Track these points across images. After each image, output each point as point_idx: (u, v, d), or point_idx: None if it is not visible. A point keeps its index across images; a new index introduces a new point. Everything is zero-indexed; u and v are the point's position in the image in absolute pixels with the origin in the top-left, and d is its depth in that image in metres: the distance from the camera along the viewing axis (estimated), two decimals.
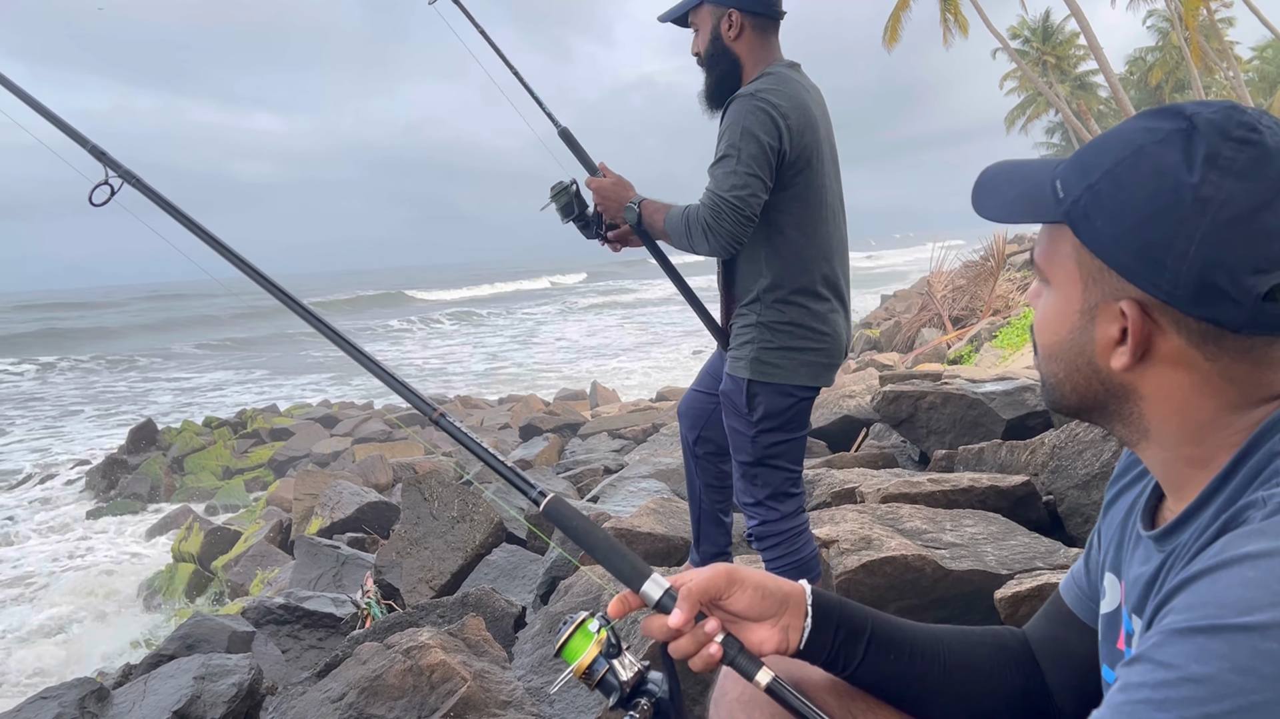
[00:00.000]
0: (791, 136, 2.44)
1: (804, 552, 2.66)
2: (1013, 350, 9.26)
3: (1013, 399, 5.10)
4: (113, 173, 1.38)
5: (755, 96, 2.44)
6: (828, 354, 2.60)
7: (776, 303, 2.54)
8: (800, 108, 2.48)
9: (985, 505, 3.54)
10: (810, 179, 2.52)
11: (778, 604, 1.03)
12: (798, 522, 2.68)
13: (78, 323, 48.67)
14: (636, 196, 2.69)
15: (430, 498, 5.09)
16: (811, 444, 6.40)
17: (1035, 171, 0.90)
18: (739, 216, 2.39)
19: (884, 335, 16.62)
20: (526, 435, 11.90)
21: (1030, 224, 0.90)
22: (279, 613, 4.56)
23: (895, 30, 30.22)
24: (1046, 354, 0.91)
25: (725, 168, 2.42)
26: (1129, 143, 0.81)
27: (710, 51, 2.64)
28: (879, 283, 45.42)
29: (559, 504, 1.06)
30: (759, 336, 2.55)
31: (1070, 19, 31.87)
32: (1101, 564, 1.05)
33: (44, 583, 9.88)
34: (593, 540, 1.06)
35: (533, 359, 29.44)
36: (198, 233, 1.29)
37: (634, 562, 1.04)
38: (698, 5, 2.63)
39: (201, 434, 14.51)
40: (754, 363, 2.55)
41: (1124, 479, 1.04)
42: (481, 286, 71.79)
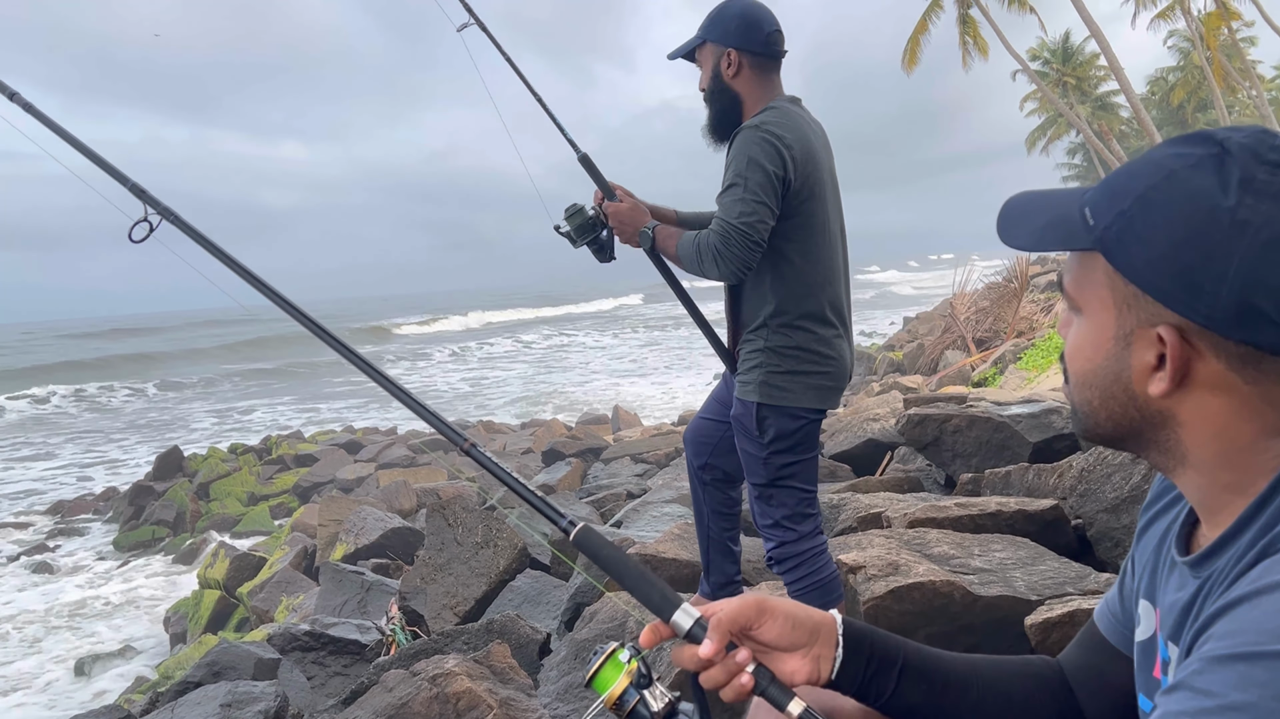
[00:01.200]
0: (795, 166, 2.52)
1: (824, 572, 2.70)
2: (1038, 372, 9.19)
3: (1039, 422, 5.06)
4: (152, 210, 1.41)
5: (760, 128, 2.53)
6: (833, 378, 2.67)
7: (783, 328, 2.61)
8: (803, 139, 2.57)
9: (1013, 530, 3.51)
10: (814, 207, 2.60)
11: (809, 634, 1.02)
12: (816, 542, 2.71)
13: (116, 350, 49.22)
14: (651, 222, 2.76)
15: (454, 523, 5.10)
16: (835, 468, 6.37)
17: (1062, 200, 0.90)
18: (748, 242, 2.47)
19: (907, 357, 16.54)
20: (549, 460, 11.90)
21: (1059, 251, 0.90)
22: (304, 639, 4.58)
23: (914, 54, 30.27)
24: (1080, 381, 0.90)
25: (733, 196, 2.49)
26: (1160, 168, 0.81)
27: (711, 88, 2.74)
28: (902, 304, 45.30)
29: (589, 534, 1.06)
30: (766, 361, 2.61)
31: (1090, 40, 31.83)
32: (1136, 591, 1.04)
33: (72, 610, 9.95)
34: (623, 570, 1.06)
35: (556, 382, 29.52)
36: (234, 267, 1.31)
37: (664, 591, 1.04)
38: (701, 44, 2.74)
39: (227, 460, 14.60)
40: (762, 386, 2.61)
41: (1157, 505, 1.03)
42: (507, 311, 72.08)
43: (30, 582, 11.04)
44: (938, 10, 29.82)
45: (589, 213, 2.80)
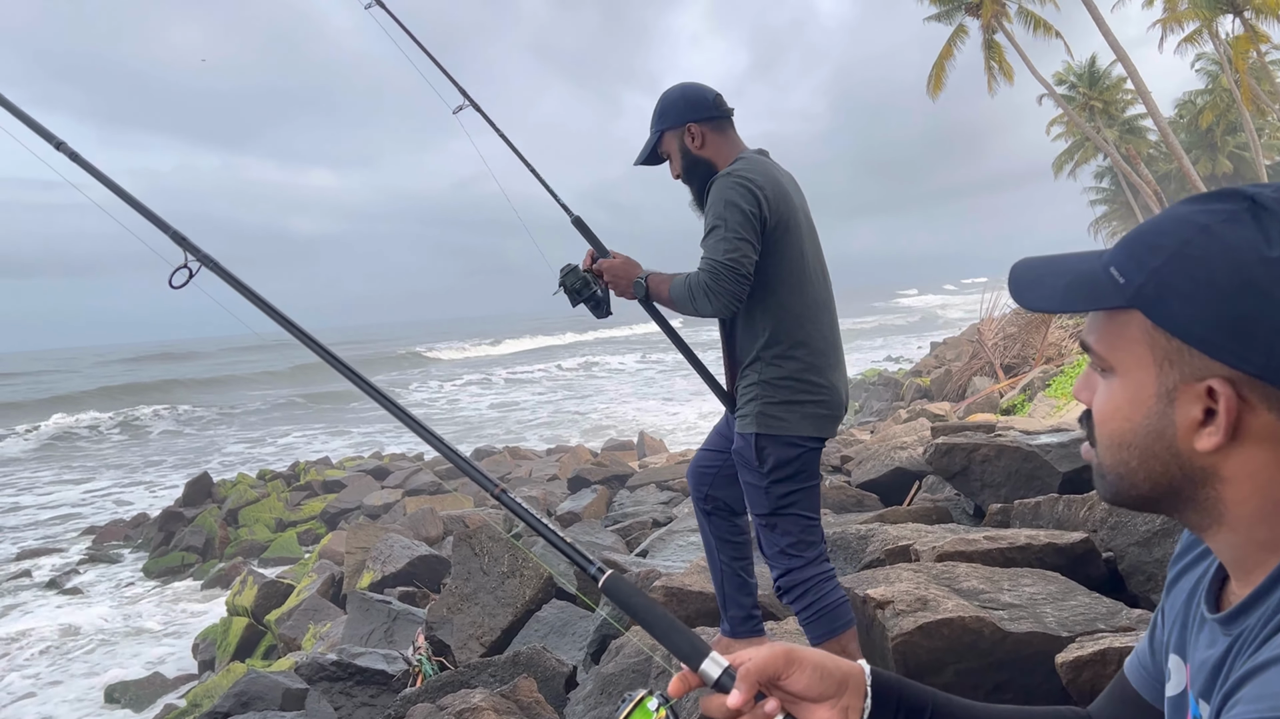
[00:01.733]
0: (769, 205, 2.67)
1: (832, 597, 2.73)
2: (1067, 400, 9.11)
3: (1069, 451, 5.02)
4: (192, 257, 1.44)
5: (732, 175, 2.69)
6: (827, 405, 2.76)
7: (776, 359, 2.71)
8: (773, 182, 2.72)
9: (1043, 563, 3.48)
10: (790, 242, 2.73)
11: (837, 685, 1.02)
12: (822, 569, 2.76)
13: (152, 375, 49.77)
14: (644, 272, 2.88)
15: (481, 553, 5.11)
16: (863, 497, 6.34)
17: (1076, 262, 0.90)
18: (736, 276, 2.59)
19: (934, 384, 16.44)
20: (575, 487, 11.90)
21: (1084, 311, 0.89)
22: (332, 669, 4.59)
23: (939, 79, 30.28)
24: (1117, 443, 0.88)
25: (716, 237, 2.63)
26: (1190, 224, 0.81)
27: (685, 165, 2.90)
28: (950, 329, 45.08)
29: (618, 582, 1.07)
30: (762, 394, 2.72)
31: (1117, 64, 31.71)
32: (1166, 645, 1.03)
33: (103, 636, 10.03)
34: (651, 618, 1.06)
35: (582, 408, 29.56)
36: (273, 315, 1.34)
37: (693, 640, 1.04)
38: (660, 135, 2.91)
39: (256, 487, 14.69)
40: (759, 417, 2.71)
41: (1187, 557, 1.02)
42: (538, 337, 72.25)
43: (62, 607, 11.14)
44: (962, 36, 29.85)
45: (582, 272, 2.94)
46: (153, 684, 7.68)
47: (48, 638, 10.06)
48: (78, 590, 11.66)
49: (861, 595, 3.06)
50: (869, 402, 19.70)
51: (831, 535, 4.48)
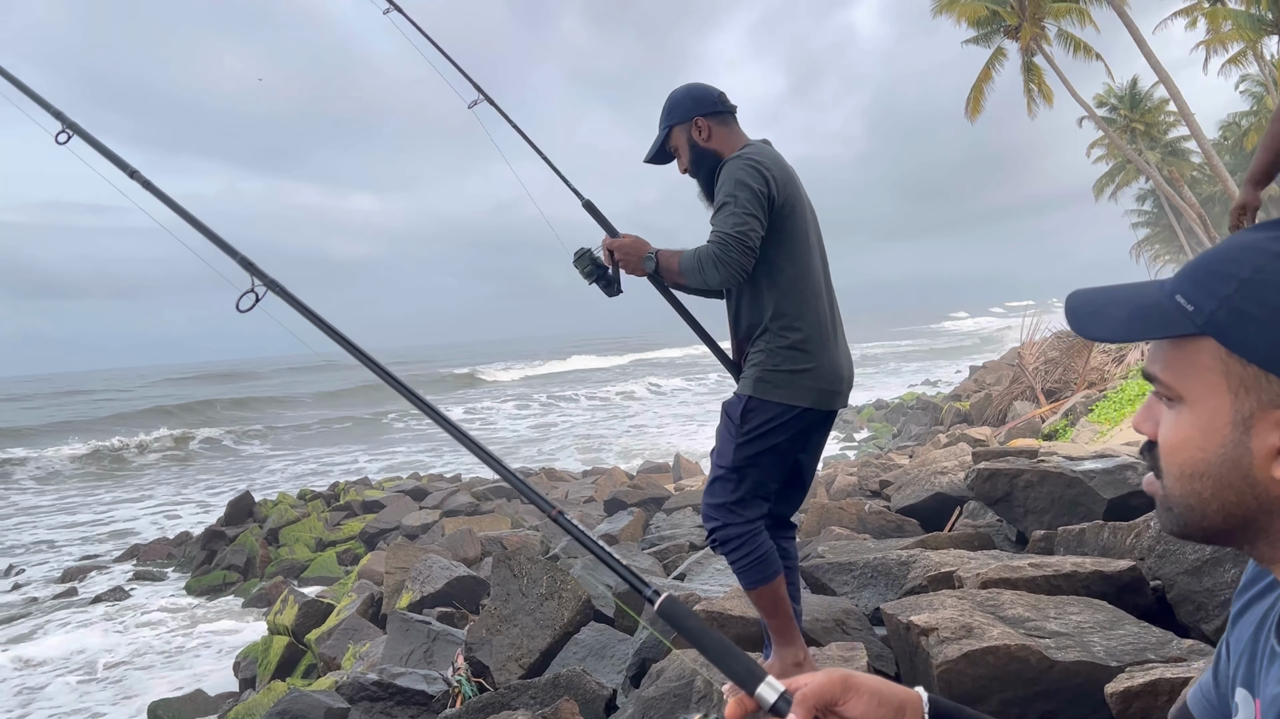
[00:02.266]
0: (777, 185, 2.85)
1: (764, 548, 2.92)
2: (1111, 425, 8.99)
3: (1114, 478, 4.95)
4: (258, 281, 1.48)
5: (742, 157, 2.87)
6: (825, 379, 2.91)
7: (782, 329, 2.88)
8: (780, 166, 2.92)
9: (1089, 592, 3.43)
10: (796, 222, 2.91)
11: (894, 712, 1.02)
12: (756, 525, 2.94)
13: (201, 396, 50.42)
14: (652, 249, 3.03)
15: (519, 574, 5.12)
16: (902, 522, 6.28)
17: (1136, 292, 0.90)
18: (743, 248, 2.74)
19: (974, 408, 16.29)
20: (611, 509, 11.90)
21: (1148, 340, 0.89)
22: (372, 689, 4.61)
23: (978, 102, 30.15)
24: (1188, 474, 0.87)
25: (726, 212, 2.79)
26: (1263, 251, 0.81)
27: (693, 158, 3.07)
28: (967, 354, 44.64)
29: (674, 605, 1.08)
30: (765, 360, 2.89)
31: (1159, 85, 31.42)
32: (1232, 679, 1.02)
33: (145, 654, 10.15)
34: (708, 642, 1.07)
35: (618, 428, 29.59)
36: (336, 338, 1.37)
37: (749, 664, 1.05)
38: (668, 132, 3.09)
39: (296, 506, 14.83)
40: (757, 382, 2.88)
41: (1252, 590, 1.01)
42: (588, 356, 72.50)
43: (105, 625, 11.29)
44: (1001, 58, 29.72)
45: (594, 253, 3.12)
46: (195, 702, 7.75)
47: (91, 655, 10.20)
48: (121, 608, 11.81)
49: (905, 622, 3.04)
50: (907, 425, 19.56)
51: (871, 561, 4.45)
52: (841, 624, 3.67)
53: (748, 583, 2.94)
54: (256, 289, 1.47)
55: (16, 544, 16.82)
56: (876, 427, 21.62)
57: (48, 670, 9.71)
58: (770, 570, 2.91)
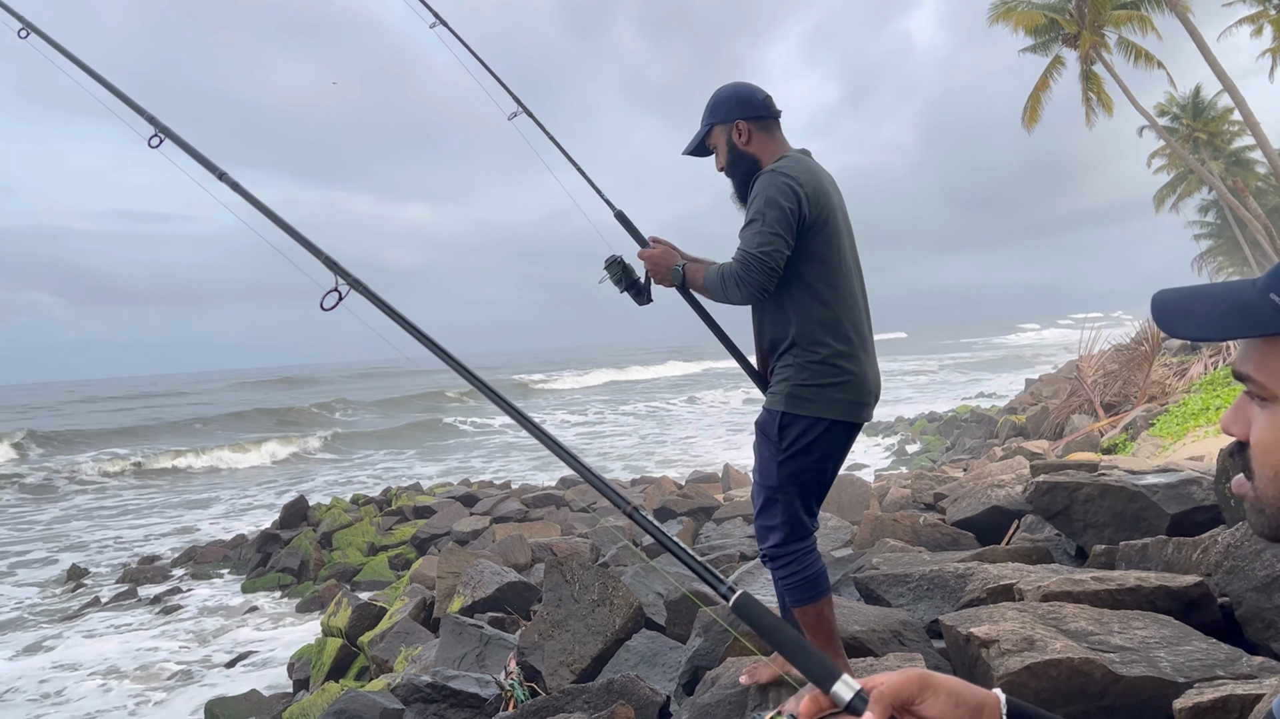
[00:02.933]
0: (809, 203, 2.84)
1: (815, 567, 2.95)
2: (1173, 439, 8.79)
3: (1177, 492, 4.85)
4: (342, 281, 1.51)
5: (776, 172, 2.87)
6: (855, 391, 2.92)
7: (810, 344, 2.89)
8: (814, 181, 2.90)
9: (1154, 607, 3.36)
10: (827, 239, 2.90)
11: (972, 712, 1.01)
12: (808, 543, 2.97)
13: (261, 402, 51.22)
14: (681, 261, 3.08)
15: (571, 580, 5.14)
16: (959, 535, 6.20)
17: (1226, 291, 0.89)
18: (765, 268, 2.77)
19: (1030, 421, 16.03)
20: (661, 518, 11.88)
21: (1243, 338, 0.88)
22: (426, 691, 4.65)
23: (1035, 111, 29.73)
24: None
25: (753, 229, 2.81)
26: None
27: (730, 159, 3.08)
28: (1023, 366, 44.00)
29: (749, 602, 1.08)
30: (794, 375, 2.91)
31: (1223, 94, 30.76)
32: None
33: (202, 655, 10.34)
34: (782, 638, 1.07)
35: (668, 437, 29.59)
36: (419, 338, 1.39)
37: (824, 662, 1.04)
38: (710, 129, 3.10)
39: (349, 511, 15.01)
40: (788, 397, 2.90)
41: None
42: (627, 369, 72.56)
43: (162, 626, 11.52)
44: (1059, 67, 29.30)
45: (626, 262, 3.16)
46: (250, 701, 7.87)
47: (150, 655, 10.41)
48: (178, 609, 12.04)
49: (965, 634, 3.00)
50: (961, 439, 19.29)
51: (928, 573, 4.40)
52: (899, 635, 3.63)
53: (796, 600, 2.96)
54: (340, 288, 1.50)
55: (89, 542, 17.25)
56: (929, 439, 21.36)
57: (103, 670, 9.93)
58: (819, 590, 2.95)
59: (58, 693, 9.26)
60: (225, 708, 7.55)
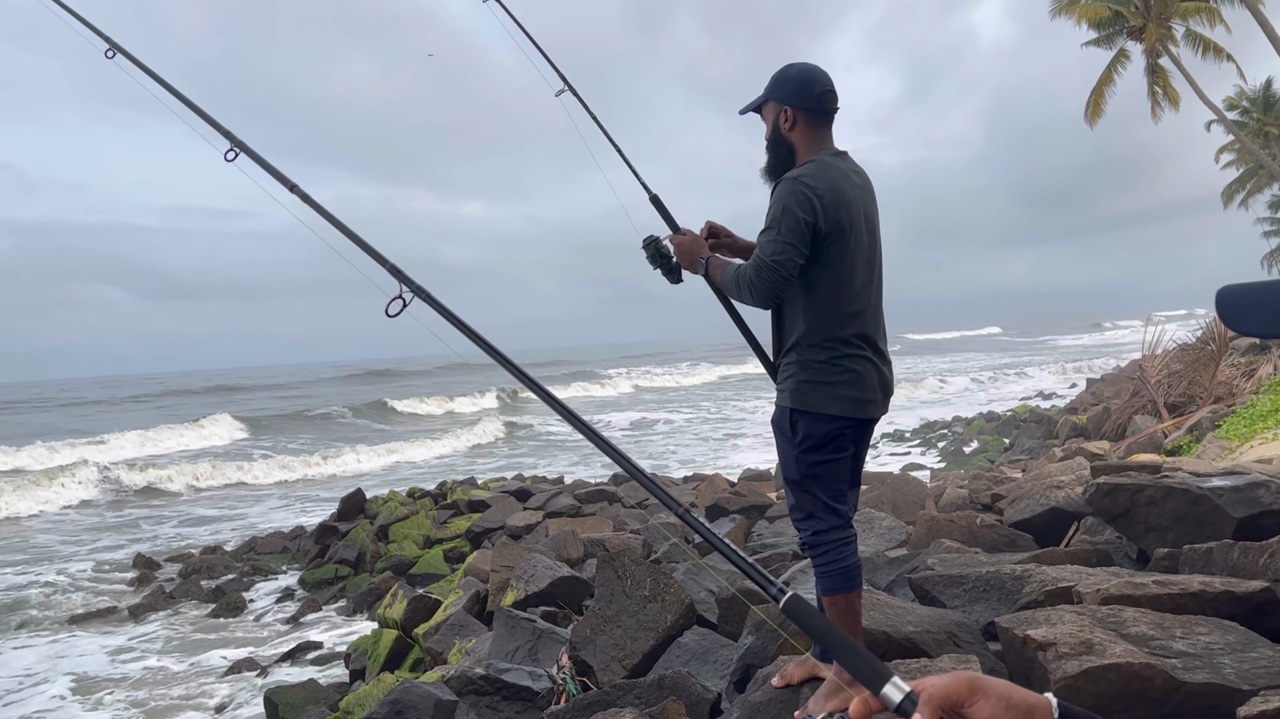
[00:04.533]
0: (825, 214, 2.90)
1: (850, 559, 3.04)
2: (1240, 442, 8.57)
3: (1244, 496, 4.72)
4: (406, 288, 1.55)
5: (797, 180, 2.93)
6: (858, 388, 3.01)
7: (812, 346, 3.00)
8: (835, 190, 2.95)
9: (1218, 612, 3.28)
10: (842, 248, 2.97)
11: (1022, 716, 1.00)
12: (846, 533, 3.05)
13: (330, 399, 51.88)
14: (707, 253, 3.19)
15: (623, 576, 5.16)
16: (1016, 537, 6.11)
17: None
18: (777, 276, 2.89)
19: (1091, 422, 15.72)
20: (713, 516, 11.86)
21: None
22: (480, 683, 4.71)
23: (1098, 105, 29.15)
24: None
25: (768, 237, 2.92)
26: None
27: (771, 138, 3.15)
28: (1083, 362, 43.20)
29: (799, 602, 1.08)
30: (798, 374, 3.02)
31: None
32: None
33: (259, 644, 10.56)
34: (833, 640, 1.07)
35: (720, 433, 29.56)
36: (479, 343, 1.41)
37: (874, 663, 1.04)
38: (765, 101, 3.14)
39: (405, 504, 15.21)
40: (794, 394, 3.02)
41: None
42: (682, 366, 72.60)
43: (223, 615, 11.79)
44: (1123, 61, 28.68)
45: (661, 242, 3.29)
46: (308, 690, 8.01)
47: (209, 642, 10.66)
48: (239, 600, 12.30)
49: (1021, 636, 2.97)
50: (1020, 439, 18.99)
51: (984, 574, 4.35)
52: (953, 637, 3.59)
53: (827, 588, 3.05)
54: (404, 295, 1.54)
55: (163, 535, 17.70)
56: (987, 439, 21.05)
57: (165, 659, 10.19)
58: (852, 583, 3.04)
59: (118, 679, 9.53)
60: (284, 697, 7.70)
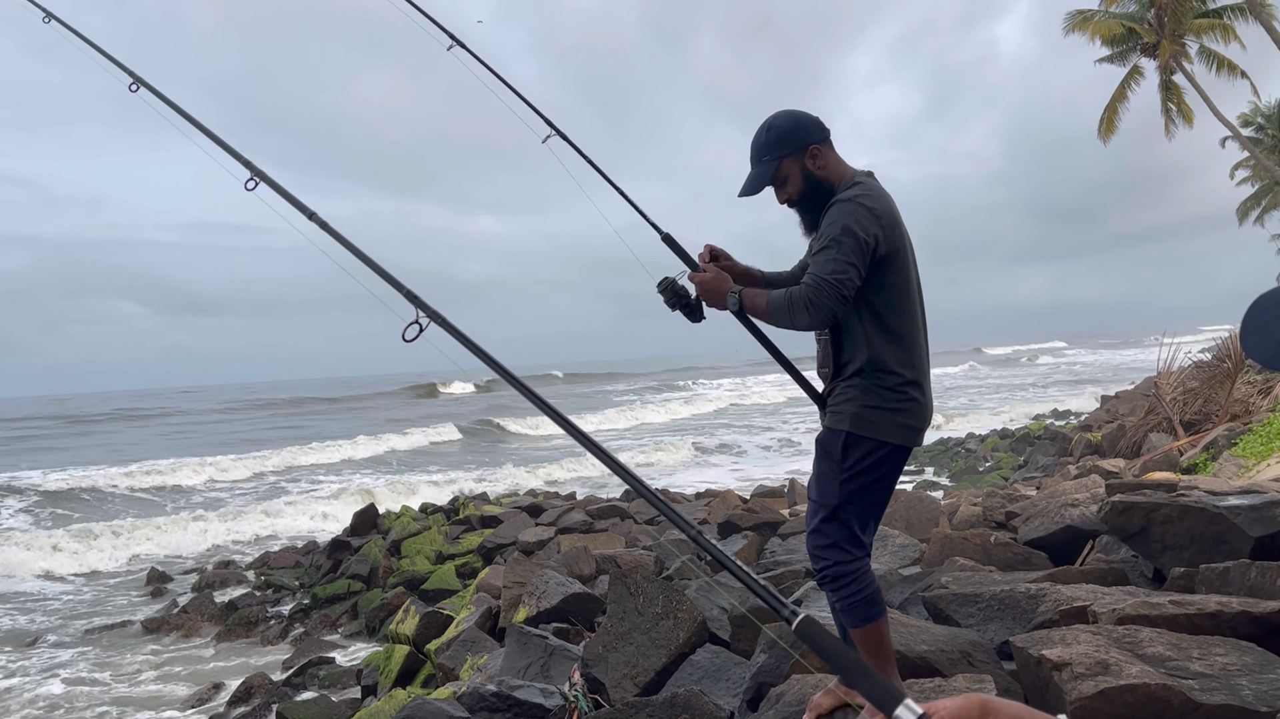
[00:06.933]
0: (884, 234, 2.86)
1: (871, 585, 2.96)
2: (1258, 460, 8.50)
3: (1261, 515, 4.69)
4: (423, 313, 1.56)
5: (854, 200, 2.87)
6: (916, 418, 2.96)
7: (877, 372, 2.91)
8: (890, 213, 2.92)
9: (1236, 633, 3.26)
10: (900, 268, 2.94)
11: None
12: (864, 564, 2.97)
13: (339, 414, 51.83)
14: (735, 287, 3.07)
15: (635, 593, 5.15)
16: (1030, 555, 6.08)
17: None
18: (838, 295, 2.79)
19: (1106, 439, 15.63)
20: (725, 533, 11.83)
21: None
22: (492, 700, 4.70)
23: (1112, 122, 29.09)
24: None
25: (827, 256, 2.82)
26: None
27: (806, 188, 3.04)
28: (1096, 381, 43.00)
29: (812, 625, 1.08)
30: (861, 398, 2.92)
31: None
32: None
33: (274, 656, 10.56)
34: (844, 662, 1.07)
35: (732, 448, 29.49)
36: (495, 367, 1.42)
37: (887, 687, 1.04)
38: (777, 163, 3.02)
39: (418, 519, 15.22)
40: (854, 418, 2.92)
41: None
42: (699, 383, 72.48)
43: (235, 630, 11.80)
44: (1137, 77, 28.64)
45: (678, 283, 3.18)
46: (320, 706, 8.00)
47: (221, 657, 10.67)
48: (251, 615, 12.30)
49: (1036, 656, 2.95)
50: (1034, 456, 18.89)
51: (998, 593, 4.32)
52: (968, 656, 3.57)
53: (854, 620, 2.96)
54: (421, 320, 1.55)
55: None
56: (1001, 456, 20.94)
57: (176, 674, 10.20)
58: (877, 609, 2.96)
59: (127, 698, 9.54)
60: (296, 713, 7.70)
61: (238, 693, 9.05)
